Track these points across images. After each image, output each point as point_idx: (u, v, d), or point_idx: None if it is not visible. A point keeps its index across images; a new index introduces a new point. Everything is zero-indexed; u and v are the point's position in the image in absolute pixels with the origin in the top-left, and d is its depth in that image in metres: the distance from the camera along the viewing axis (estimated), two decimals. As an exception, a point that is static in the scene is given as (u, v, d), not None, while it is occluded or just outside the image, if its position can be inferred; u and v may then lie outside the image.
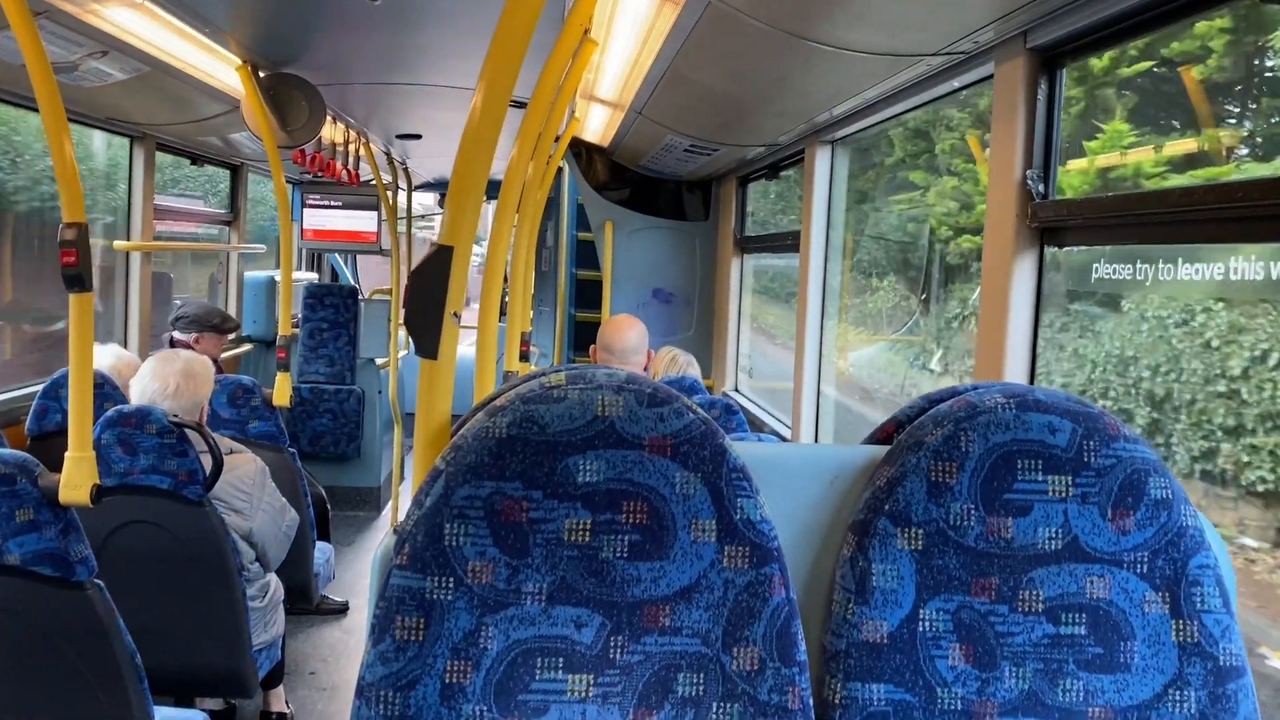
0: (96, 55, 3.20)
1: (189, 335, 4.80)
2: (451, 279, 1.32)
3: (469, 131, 1.33)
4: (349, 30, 3.41)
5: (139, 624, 2.43)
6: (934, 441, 1.25)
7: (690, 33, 2.65)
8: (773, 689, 1.18)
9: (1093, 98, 2.98)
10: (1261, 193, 1.55)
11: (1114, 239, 2.03)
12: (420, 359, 1.34)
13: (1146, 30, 1.92)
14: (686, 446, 1.18)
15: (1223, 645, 1.23)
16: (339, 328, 6.76)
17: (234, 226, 6.26)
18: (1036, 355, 2.20)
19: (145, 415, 2.92)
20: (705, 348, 5.44)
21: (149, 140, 4.78)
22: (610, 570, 1.16)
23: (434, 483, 1.16)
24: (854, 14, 2.24)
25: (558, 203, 6.41)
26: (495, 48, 1.33)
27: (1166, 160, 2.82)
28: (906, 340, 5.21)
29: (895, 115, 3.16)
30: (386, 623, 1.14)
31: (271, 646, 3.35)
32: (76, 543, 2.23)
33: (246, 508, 3.11)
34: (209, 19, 3.13)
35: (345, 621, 5.12)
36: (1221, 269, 1.81)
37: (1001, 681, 1.21)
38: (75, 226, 2.29)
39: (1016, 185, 2.17)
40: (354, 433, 6.75)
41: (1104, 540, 1.23)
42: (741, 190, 5.11)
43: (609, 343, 3.31)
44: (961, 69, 2.47)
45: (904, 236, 5.21)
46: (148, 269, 4.95)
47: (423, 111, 5.06)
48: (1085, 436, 1.24)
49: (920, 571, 1.22)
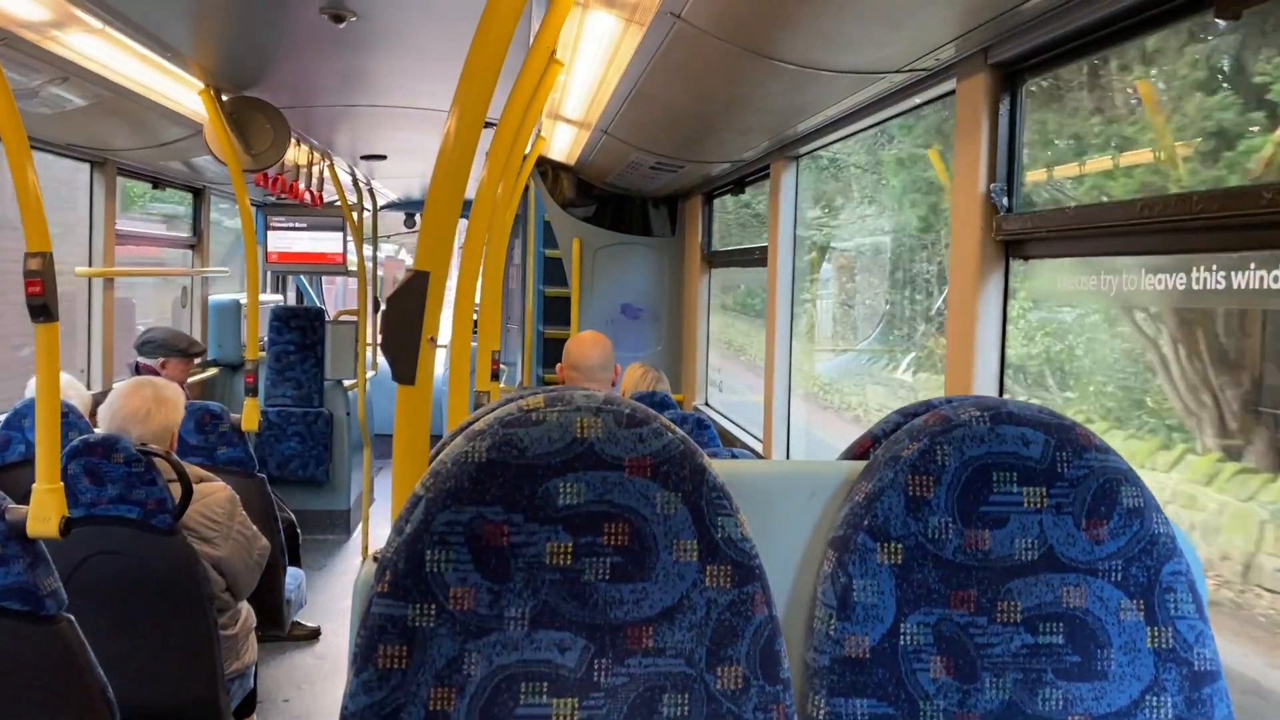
0: (56, 81, 3.17)
1: (155, 360, 4.75)
2: (428, 304, 1.32)
3: (443, 156, 1.34)
4: (312, 53, 3.41)
5: (110, 656, 2.40)
6: (910, 456, 1.26)
7: (656, 52, 2.67)
8: (757, 707, 1.18)
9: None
10: (1220, 204, 1.59)
11: (1077, 251, 2.06)
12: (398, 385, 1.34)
13: (1105, 46, 1.96)
14: (666, 466, 1.19)
15: (1197, 650, 1.25)
16: (306, 350, 6.70)
17: (197, 250, 6.21)
18: (1005, 367, 2.23)
19: (112, 444, 2.88)
20: (674, 363, 5.45)
21: (110, 165, 4.74)
22: (593, 592, 1.17)
23: (414, 509, 1.16)
24: (817, 32, 2.26)
25: (525, 221, 6.41)
26: (467, 72, 1.34)
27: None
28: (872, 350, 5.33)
29: (859, 131, 3.20)
30: (369, 651, 1.13)
31: (244, 675, 3.30)
32: (45, 576, 2.20)
33: (216, 537, 3.07)
34: (170, 44, 3.11)
35: (317, 647, 5.06)
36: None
37: (982, 693, 1.23)
38: (40, 256, 2.26)
39: (981, 199, 2.20)
40: (323, 456, 6.69)
41: (1079, 550, 1.25)
42: (707, 206, 5.14)
43: (576, 361, 3.31)
44: (924, 86, 2.51)
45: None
46: (110, 295, 4.89)
47: (387, 132, 5.05)
48: (1058, 448, 1.26)
49: (900, 586, 1.23)
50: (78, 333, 4.90)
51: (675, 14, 2.32)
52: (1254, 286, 1.69)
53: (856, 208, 5.35)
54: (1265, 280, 1.66)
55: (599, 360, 3.32)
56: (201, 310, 6.41)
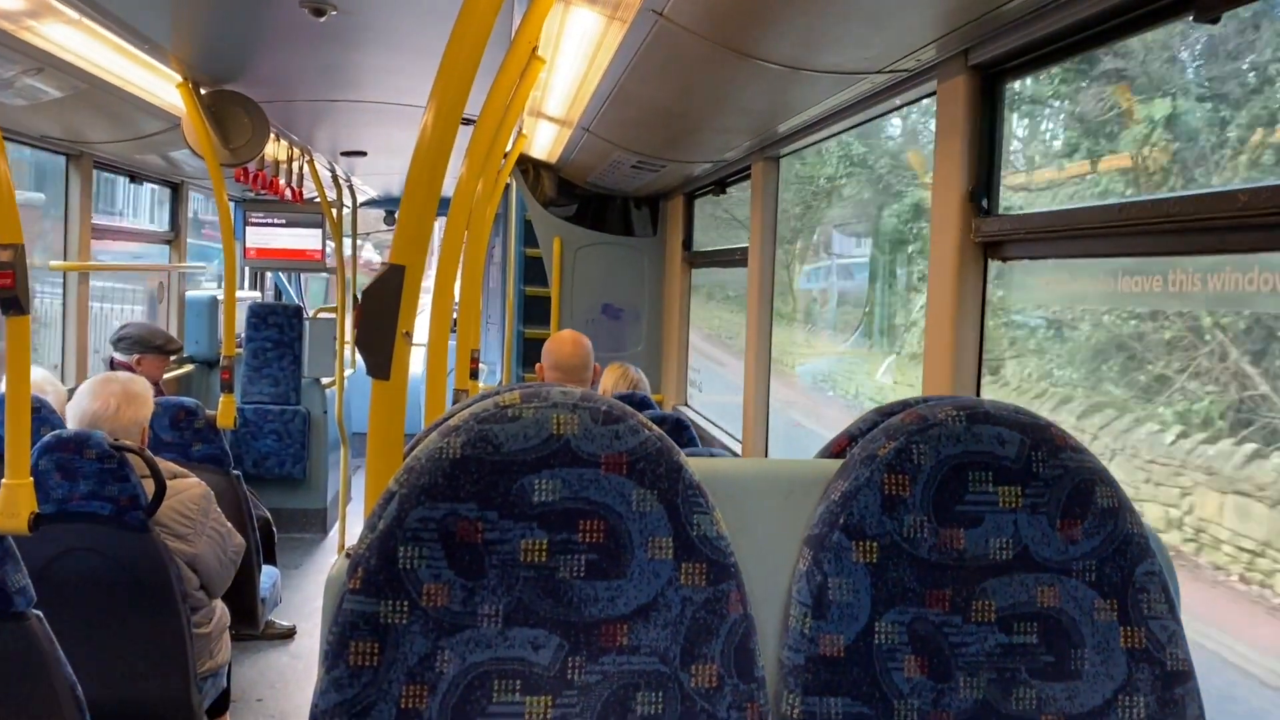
0: (31, 72, 3.13)
1: (130, 356, 4.70)
2: (403, 299, 1.31)
3: (419, 151, 1.32)
4: (292, 47, 3.38)
5: (80, 654, 2.37)
6: (886, 455, 1.26)
7: (637, 50, 2.67)
8: (731, 706, 1.18)
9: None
10: (1196, 207, 1.60)
11: (1056, 253, 2.07)
12: (373, 380, 1.32)
13: (1086, 48, 1.96)
14: (642, 464, 1.18)
15: (1169, 650, 1.25)
16: (283, 347, 6.66)
17: (175, 245, 6.16)
18: (983, 366, 2.23)
19: (84, 440, 2.85)
20: (654, 363, 5.45)
21: (86, 159, 4.69)
22: (567, 590, 1.16)
23: (387, 505, 1.15)
24: (799, 32, 2.26)
25: (505, 219, 6.39)
26: (445, 66, 1.33)
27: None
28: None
29: (840, 132, 3.20)
30: (340, 648, 1.12)
31: (217, 674, 3.27)
32: (14, 572, 2.17)
33: (190, 534, 3.04)
34: (148, 36, 3.07)
35: (292, 646, 5.03)
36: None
37: (956, 692, 1.22)
38: (11, 248, 2.23)
39: (960, 200, 2.21)
40: (300, 454, 6.65)
41: (1053, 549, 1.25)
42: (689, 206, 5.14)
43: (556, 360, 3.30)
44: (905, 87, 2.51)
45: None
46: (85, 290, 4.84)
47: (368, 128, 5.02)
48: (1033, 447, 1.26)
49: (875, 584, 1.23)
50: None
51: (657, 12, 2.31)
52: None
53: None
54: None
55: (580, 359, 3.31)
56: (179, 306, 6.36)
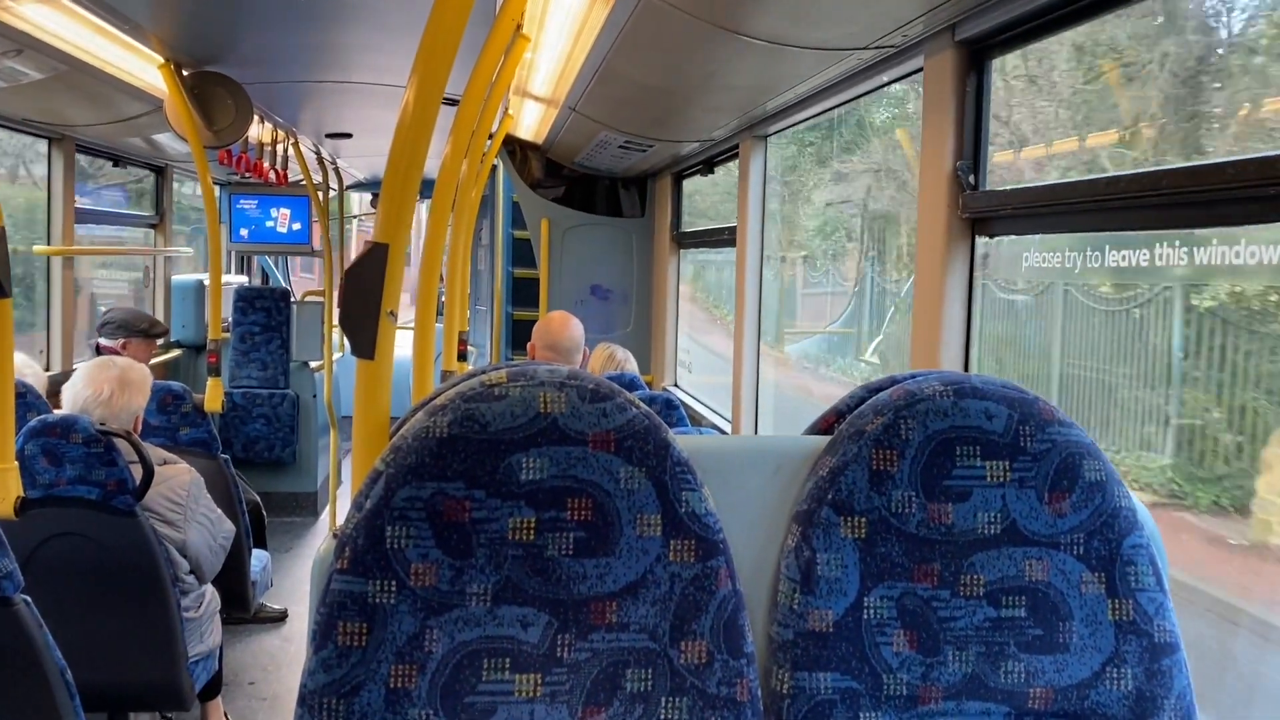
0: (10, 54, 3.10)
1: (116, 341, 4.66)
2: (387, 277, 1.30)
3: (401, 129, 1.31)
4: (275, 27, 3.34)
5: (69, 639, 2.36)
6: (874, 430, 1.26)
7: (623, 27, 2.65)
8: (721, 681, 1.18)
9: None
10: (1184, 180, 1.60)
11: (1043, 228, 2.07)
12: (357, 359, 1.31)
13: (1072, 23, 1.96)
14: (630, 441, 1.18)
15: (1157, 623, 1.26)
16: (271, 331, 6.63)
17: (159, 229, 6.12)
18: (971, 342, 2.23)
19: (70, 425, 2.83)
20: (644, 344, 5.44)
21: (68, 142, 4.64)
22: (556, 568, 1.16)
23: (374, 484, 1.14)
24: (785, 7, 2.25)
25: (493, 201, 6.37)
26: (426, 44, 1.31)
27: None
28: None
29: (827, 110, 3.19)
30: (328, 629, 1.11)
31: (208, 658, 3.27)
32: (1, 557, 2.16)
33: (179, 519, 3.03)
34: (129, 16, 3.04)
35: (284, 629, 5.03)
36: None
37: (945, 666, 1.23)
38: None
39: (948, 177, 2.20)
40: (289, 437, 6.64)
41: (1041, 523, 1.26)
42: (677, 187, 5.13)
43: (552, 341, 3.30)
44: (892, 63, 2.50)
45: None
46: (69, 274, 4.80)
47: (353, 110, 4.99)
48: (1021, 422, 1.26)
49: (864, 560, 1.23)
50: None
51: (642, -12, 2.30)
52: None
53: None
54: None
55: (574, 340, 3.32)
56: (165, 290, 6.32)
